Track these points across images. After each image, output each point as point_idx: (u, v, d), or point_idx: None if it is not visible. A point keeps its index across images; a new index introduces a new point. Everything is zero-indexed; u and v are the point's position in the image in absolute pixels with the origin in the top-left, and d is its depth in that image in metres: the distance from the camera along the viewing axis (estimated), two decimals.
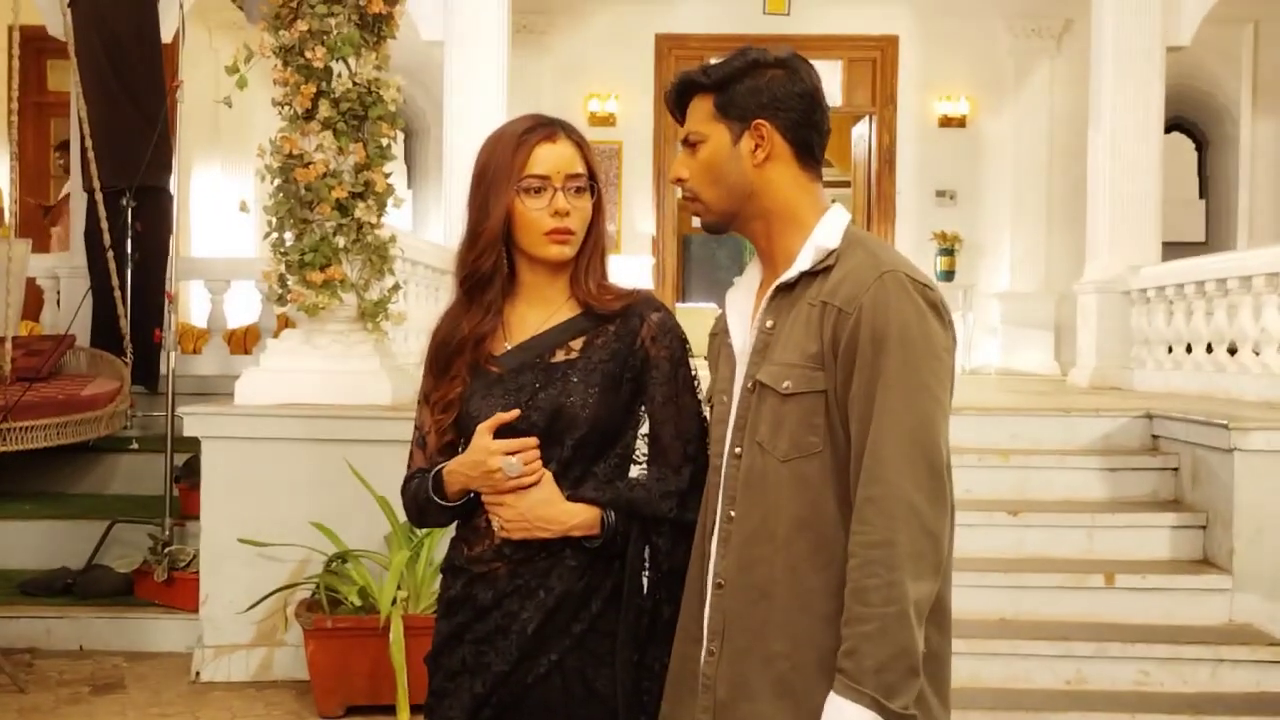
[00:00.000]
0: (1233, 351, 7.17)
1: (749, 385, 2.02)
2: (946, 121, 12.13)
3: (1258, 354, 6.81)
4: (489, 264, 2.22)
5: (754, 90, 2.04)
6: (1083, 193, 9.17)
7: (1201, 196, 13.24)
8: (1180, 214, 12.13)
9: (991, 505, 5.43)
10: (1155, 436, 5.85)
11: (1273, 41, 12.13)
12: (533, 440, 2.14)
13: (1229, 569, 5.05)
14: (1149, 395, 7.51)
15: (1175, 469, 5.61)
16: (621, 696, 2.14)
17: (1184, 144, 13.28)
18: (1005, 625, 4.98)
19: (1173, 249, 9.31)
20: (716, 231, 2.13)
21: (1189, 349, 7.70)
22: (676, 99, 2.13)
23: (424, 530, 4.90)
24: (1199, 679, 4.76)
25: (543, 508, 2.13)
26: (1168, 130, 10.23)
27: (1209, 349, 7.45)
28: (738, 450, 2.02)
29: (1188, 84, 12.12)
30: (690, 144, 2.10)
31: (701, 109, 2.08)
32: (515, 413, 2.16)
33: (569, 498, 2.16)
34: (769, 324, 2.03)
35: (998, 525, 5.33)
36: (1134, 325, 8.47)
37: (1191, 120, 13.29)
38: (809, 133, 2.06)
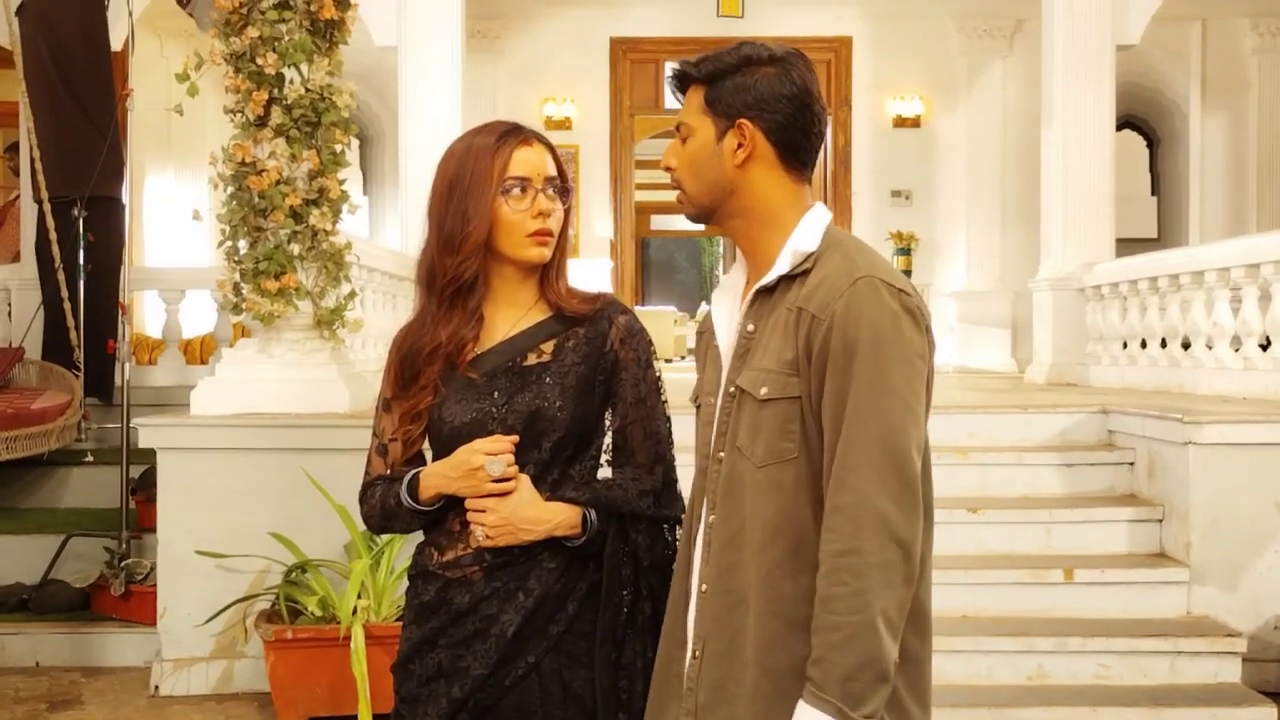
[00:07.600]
0: (1186, 346, 7.25)
1: (729, 390, 2.02)
2: (901, 122, 12.20)
3: (1211, 348, 6.88)
4: (473, 269, 2.22)
5: (741, 88, 2.01)
6: (1036, 191, 9.25)
7: (1153, 193, 13.39)
8: (1132, 210, 12.26)
9: (951, 503, 5.44)
10: (1111, 431, 5.90)
11: (1220, 39, 12.29)
12: (511, 439, 2.15)
13: (1186, 561, 5.10)
14: (1105, 391, 7.58)
15: (1131, 463, 5.66)
16: (600, 695, 2.16)
17: (1135, 141, 13.42)
18: (967, 622, 5.00)
19: (1126, 245, 9.41)
20: (698, 221, 2.12)
21: (1143, 344, 7.78)
22: (677, 86, 2.13)
23: (384, 538, 4.87)
24: (1158, 671, 4.80)
25: (526, 509, 2.15)
26: (1119, 128, 10.34)
27: (1163, 344, 7.53)
28: (720, 455, 2.02)
29: (1138, 82, 12.27)
30: (681, 134, 2.09)
31: (693, 100, 2.07)
32: (514, 438, 2.17)
33: (548, 499, 2.18)
34: (750, 328, 2.02)
35: (958, 523, 5.35)
36: (1089, 321, 8.55)
37: (1142, 117, 13.44)
38: (795, 135, 2.02)
